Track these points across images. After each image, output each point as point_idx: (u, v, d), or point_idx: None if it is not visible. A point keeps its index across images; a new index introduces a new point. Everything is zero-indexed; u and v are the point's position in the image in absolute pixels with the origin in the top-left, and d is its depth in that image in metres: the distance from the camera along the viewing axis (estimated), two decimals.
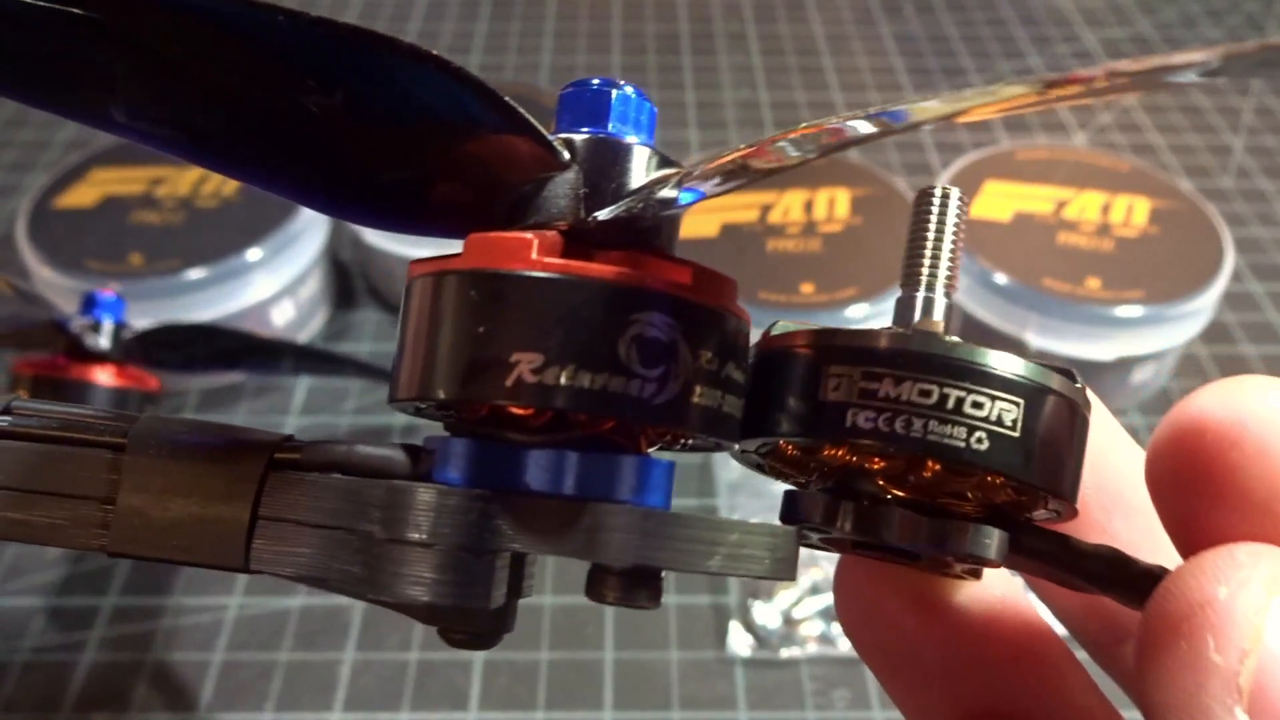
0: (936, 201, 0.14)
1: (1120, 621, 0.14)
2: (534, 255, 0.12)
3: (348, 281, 0.52)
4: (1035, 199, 0.47)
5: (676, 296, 0.12)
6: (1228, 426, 0.12)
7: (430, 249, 0.13)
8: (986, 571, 0.14)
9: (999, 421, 0.12)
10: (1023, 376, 0.12)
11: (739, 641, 0.36)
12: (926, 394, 0.12)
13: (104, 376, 0.35)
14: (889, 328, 0.13)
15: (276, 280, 0.45)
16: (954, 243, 0.14)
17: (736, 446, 0.14)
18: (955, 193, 0.14)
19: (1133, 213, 0.47)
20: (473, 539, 0.12)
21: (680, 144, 0.62)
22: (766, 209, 0.46)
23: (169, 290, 0.42)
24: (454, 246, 0.13)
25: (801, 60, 0.70)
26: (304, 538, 0.13)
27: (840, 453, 0.13)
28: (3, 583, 0.39)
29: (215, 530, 0.13)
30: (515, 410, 0.12)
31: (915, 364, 0.12)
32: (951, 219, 0.14)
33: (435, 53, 0.12)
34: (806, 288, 0.42)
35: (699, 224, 0.45)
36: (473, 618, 0.13)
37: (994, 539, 0.13)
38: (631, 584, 0.13)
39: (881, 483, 0.13)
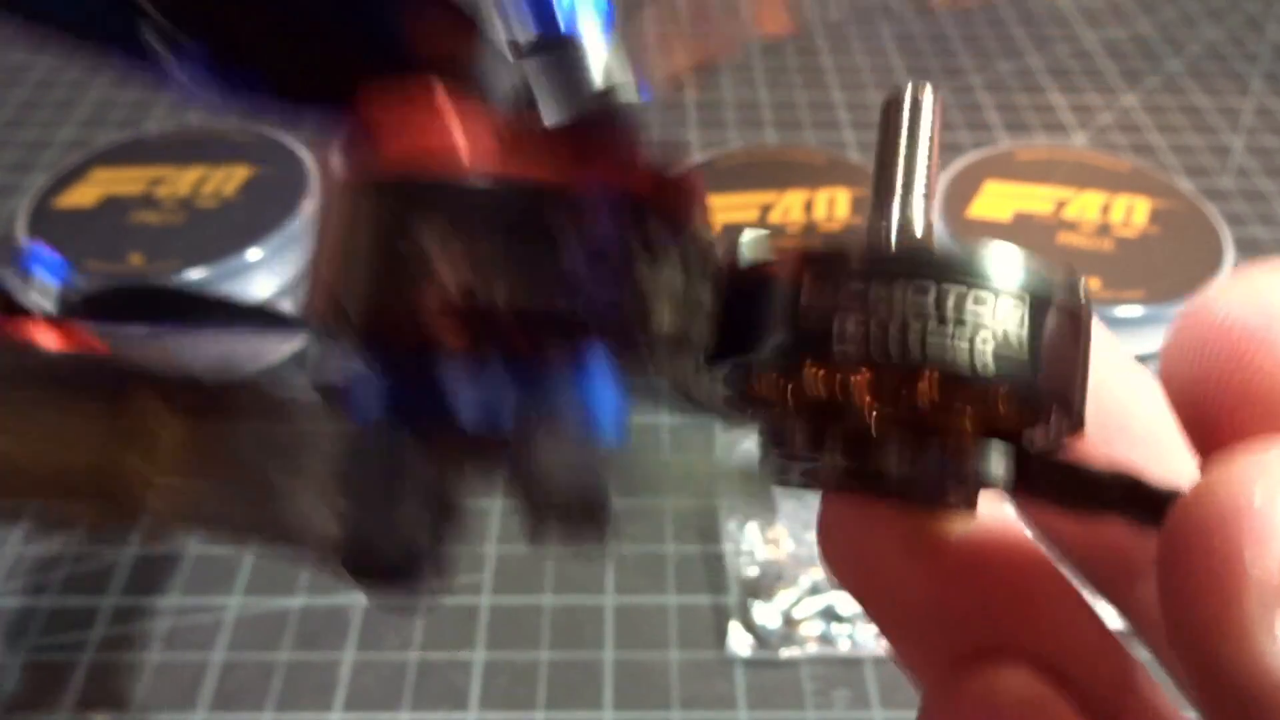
0: (907, 107, 0.12)
1: (1134, 557, 0.13)
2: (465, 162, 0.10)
3: None
4: (1035, 199, 0.47)
5: (629, 202, 0.11)
6: (1254, 323, 0.11)
7: None
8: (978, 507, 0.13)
9: (1004, 323, 0.10)
10: (1027, 272, 0.11)
11: (739, 641, 0.36)
12: (922, 292, 0.10)
13: (47, 338, 0.34)
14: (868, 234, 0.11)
15: (276, 280, 0.45)
16: (929, 154, 0.12)
17: (707, 375, 0.12)
18: (929, 95, 0.12)
19: (1133, 213, 0.47)
20: (387, 475, 0.11)
21: (680, 144, 0.62)
22: (766, 209, 0.46)
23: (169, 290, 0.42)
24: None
25: (801, 60, 0.70)
26: (202, 486, 0.12)
27: (821, 375, 0.11)
28: (3, 583, 0.39)
29: (102, 480, 0.12)
30: (441, 333, 0.11)
31: (906, 264, 0.11)
32: (926, 127, 0.12)
33: None
34: None
35: None
36: (384, 555, 0.12)
37: (1003, 458, 0.11)
38: (572, 521, 0.12)
39: (867, 408, 0.11)
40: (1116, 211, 0.47)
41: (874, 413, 0.11)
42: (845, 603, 0.37)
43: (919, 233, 0.12)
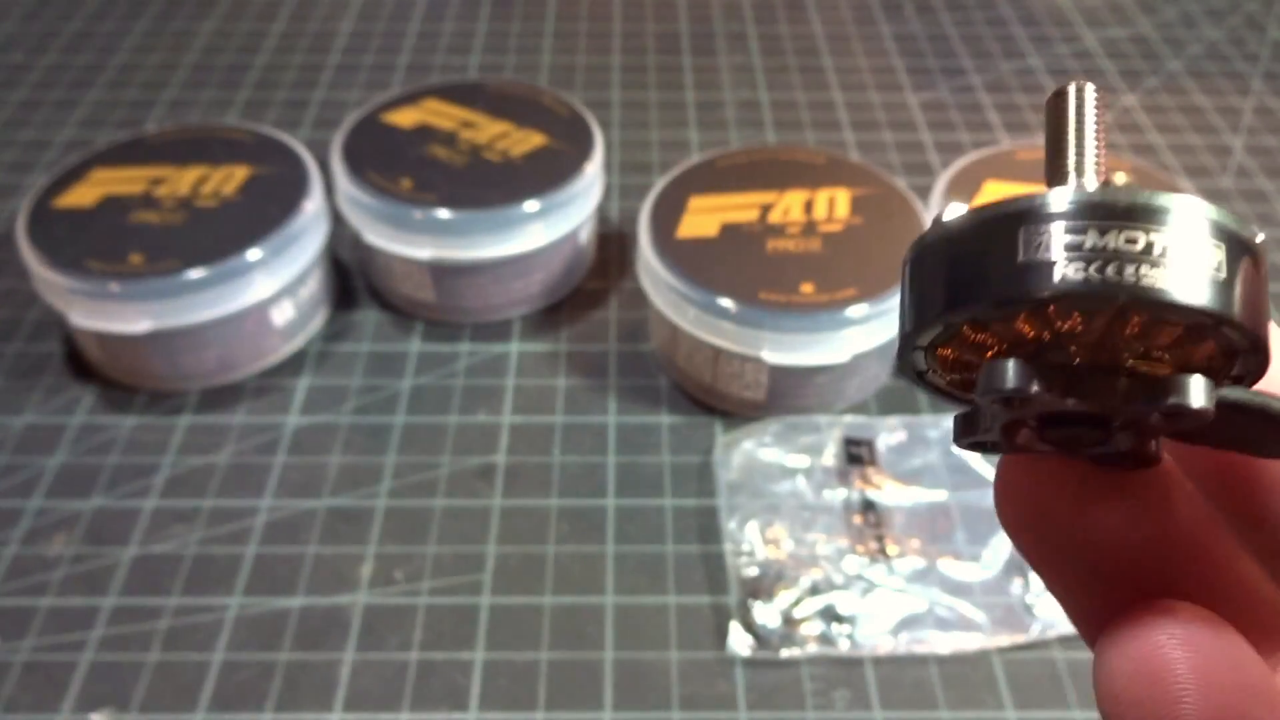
0: (1072, 97, 0.13)
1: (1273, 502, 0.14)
2: None
3: (348, 281, 0.52)
4: None
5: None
6: None
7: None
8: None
9: (1206, 265, 0.12)
10: (1219, 222, 0.12)
11: (739, 641, 0.36)
12: (1133, 241, 0.11)
13: None
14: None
15: (276, 280, 0.45)
16: (1099, 137, 0.13)
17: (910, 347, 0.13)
18: (1091, 87, 0.13)
19: None
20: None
21: (680, 144, 0.62)
22: (766, 209, 0.46)
23: (169, 290, 0.42)
24: None
25: (801, 60, 0.70)
26: None
27: (1033, 324, 0.12)
28: (3, 583, 0.39)
29: None
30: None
31: (1115, 212, 0.12)
32: (1092, 113, 0.13)
33: None
34: (806, 288, 0.42)
35: (699, 224, 0.45)
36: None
37: (1203, 392, 0.12)
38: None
39: (1076, 350, 0.12)
40: None
41: (1090, 354, 0.12)
42: (845, 603, 0.37)
43: (1096, 169, 0.13)
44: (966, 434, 0.13)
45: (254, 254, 0.44)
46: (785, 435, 0.43)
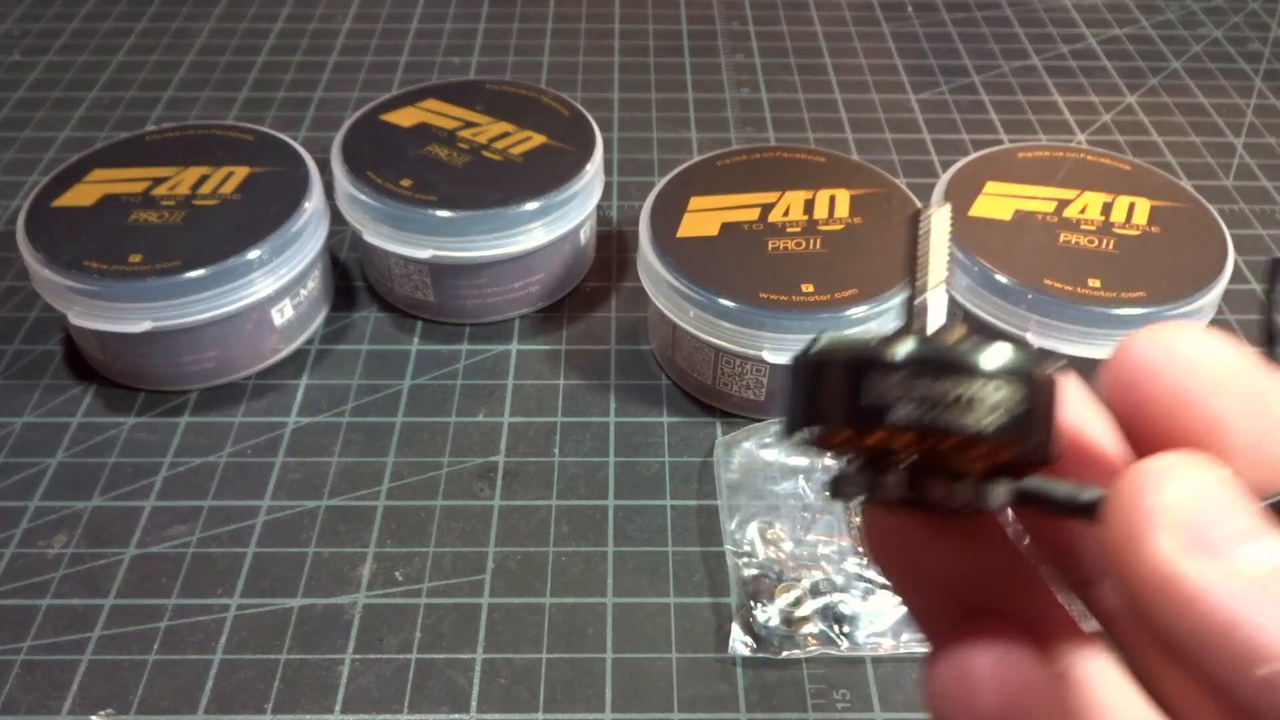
0: (927, 219, 0.18)
1: (1095, 564, 0.18)
2: None
3: (348, 281, 0.52)
4: (1036, 199, 0.47)
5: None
6: (1152, 368, 0.16)
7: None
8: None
9: (1003, 404, 0.16)
10: (1018, 366, 0.16)
11: (739, 642, 0.36)
12: (944, 390, 0.16)
13: None
14: (906, 334, 0.16)
15: (276, 280, 0.45)
16: (948, 252, 0.18)
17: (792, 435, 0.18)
18: (945, 210, 0.18)
19: (1134, 212, 0.46)
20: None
21: (680, 144, 0.62)
22: (767, 209, 0.46)
23: (169, 290, 0.42)
24: None
25: (802, 60, 0.70)
26: None
27: (879, 438, 0.17)
28: (3, 583, 0.39)
29: None
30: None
31: (934, 370, 0.16)
32: (944, 232, 0.18)
33: None
34: (807, 288, 0.42)
35: (699, 223, 0.45)
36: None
37: (1003, 491, 0.17)
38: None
39: (910, 455, 0.17)
40: (1118, 211, 0.47)
41: (918, 461, 0.17)
42: (846, 604, 0.37)
43: (943, 318, 0.17)
44: (836, 494, 0.18)
45: (254, 254, 0.44)
46: None
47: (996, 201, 0.47)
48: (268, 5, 0.76)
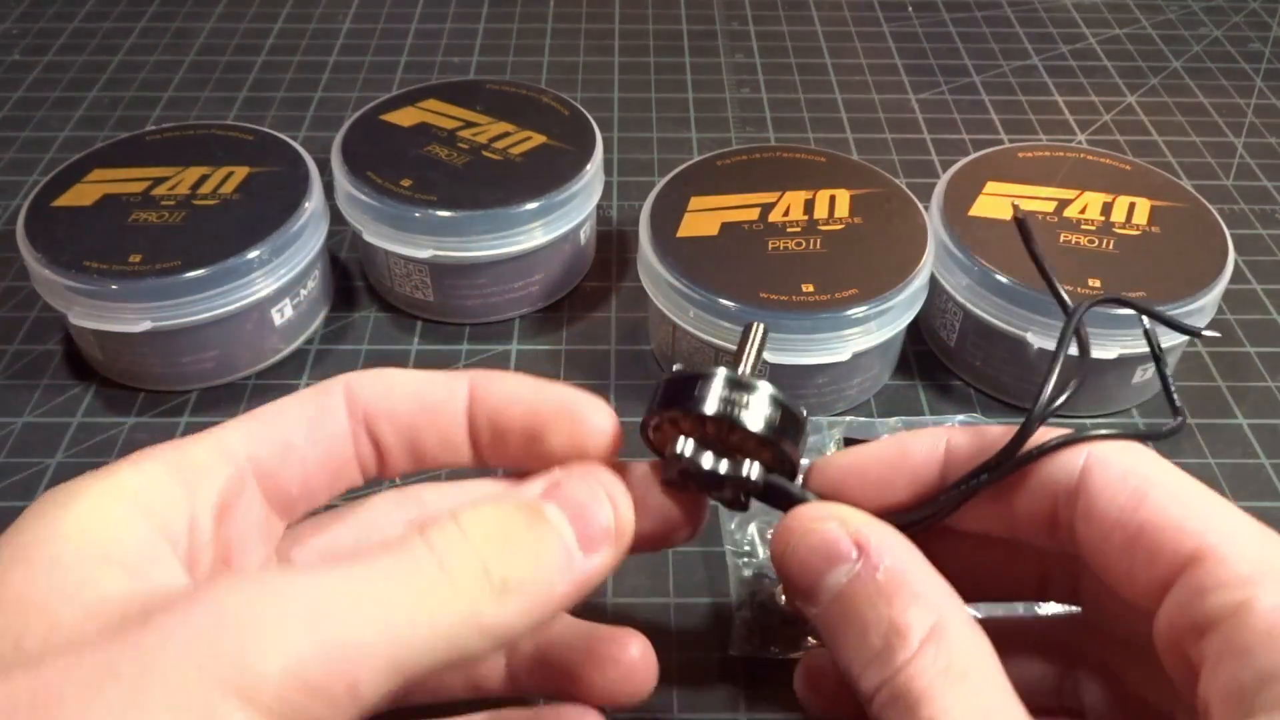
0: (752, 331, 0.29)
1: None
2: None
3: (348, 281, 0.52)
4: (1036, 199, 0.47)
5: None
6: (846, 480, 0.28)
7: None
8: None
9: (768, 415, 0.26)
10: (778, 398, 0.26)
11: (739, 641, 0.36)
12: (740, 399, 0.26)
13: None
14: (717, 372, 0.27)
15: (276, 280, 0.45)
16: (758, 352, 0.29)
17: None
18: (761, 328, 0.29)
19: (1134, 212, 0.46)
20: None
21: (681, 143, 0.62)
22: (767, 208, 0.46)
23: (169, 290, 0.42)
24: None
25: (802, 60, 0.70)
26: None
27: (701, 427, 0.27)
28: None
29: None
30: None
31: (736, 387, 0.26)
32: (758, 342, 0.29)
33: None
34: (807, 287, 0.42)
35: (699, 223, 0.45)
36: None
37: (759, 472, 0.27)
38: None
39: (722, 442, 0.27)
40: (1118, 211, 0.47)
41: (711, 444, 0.27)
42: None
43: (749, 371, 0.28)
44: (664, 470, 0.28)
45: (254, 254, 0.44)
46: None
47: (996, 201, 0.47)
48: (268, 5, 0.76)
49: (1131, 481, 0.23)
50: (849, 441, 0.43)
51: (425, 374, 0.27)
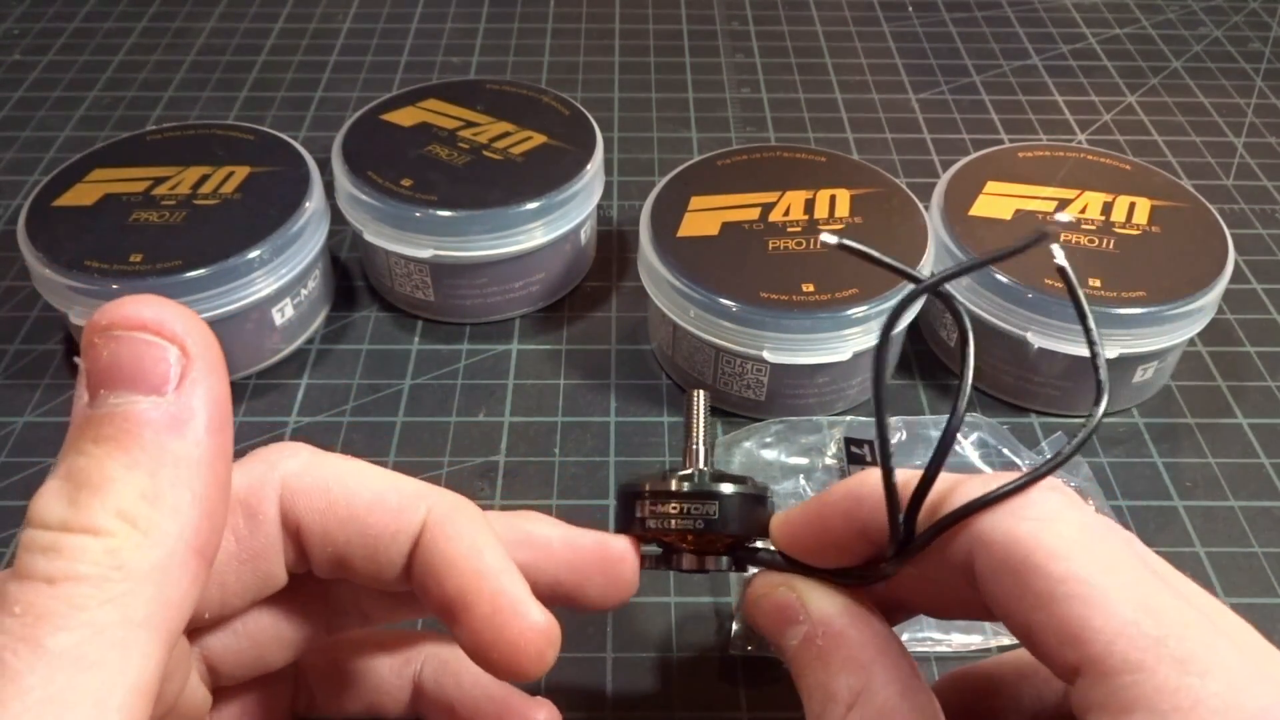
0: (696, 401, 0.30)
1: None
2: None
3: (348, 281, 0.52)
4: (1036, 199, 0.47)
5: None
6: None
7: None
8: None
9: (704, 514, 0.28)
10: (731, 495, 0.28)
11: (739, 641, 0.36)
12: (680, 509, 0.28)
13: None
14: (673, 474, 0.29)
15: (277, 280, 0.45)
16: (705, 427, 0.30)
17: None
18: (703, 396, 0.30)
19: (1134, 212, 0.47)
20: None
21: (681, 143, 0.62)
22: (767, 208, 0.46)
23: (169, 290, 0.42)
24: None
25: (802, 60, 0.70)
26: None
27: (657, 529, 0.28)
28: None
29: None
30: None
31: (687, 496, 0.28)
32: (705, 413, 0.30)
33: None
34: (807, 287, 0.42)
35: (699, 223, 0.45)
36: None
37: (724, 558, 0.29)
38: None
39: (680, 542, 0.29)
40: (1118, 211, 0.47)
41: (686, 545, 0.29)
42: None
43: (703, 465, 0.29)
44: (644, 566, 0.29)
45: (254, 254, 0.44)
46: (786, 435, 0.43)
47: (996, 201, 0.47)
48: (268, 5, 0.76)
49: (1011, 565, 0.22)
50: (849, 441, 0.43)
51: (373, 489, 0.27)
